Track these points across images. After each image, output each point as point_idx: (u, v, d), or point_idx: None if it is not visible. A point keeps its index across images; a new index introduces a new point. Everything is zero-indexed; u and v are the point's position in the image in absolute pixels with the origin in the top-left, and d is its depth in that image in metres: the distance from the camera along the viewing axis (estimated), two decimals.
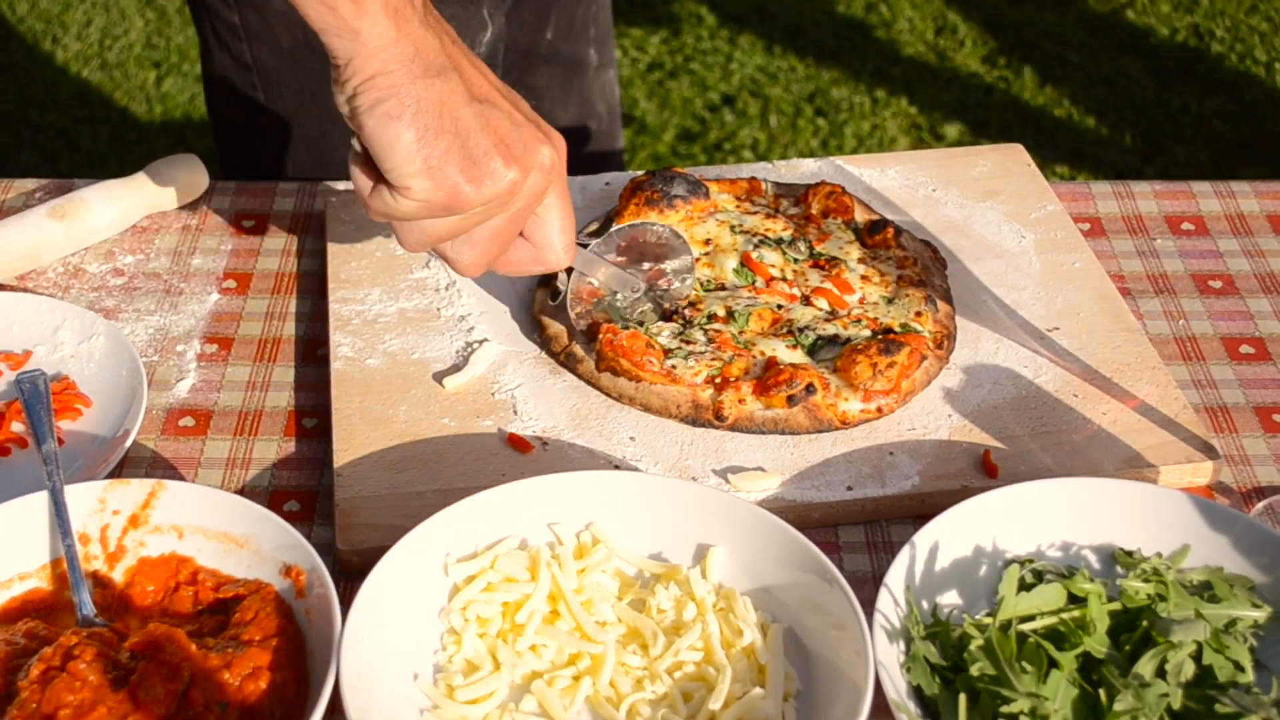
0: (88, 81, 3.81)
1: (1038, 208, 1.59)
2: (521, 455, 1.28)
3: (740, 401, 1.31)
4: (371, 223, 1.53)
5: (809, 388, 1.30)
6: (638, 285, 1.38)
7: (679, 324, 1.39)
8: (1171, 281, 1.53)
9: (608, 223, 1.50)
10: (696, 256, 1.46)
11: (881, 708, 1.04)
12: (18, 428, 1.31)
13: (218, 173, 1.73)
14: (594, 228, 1.51)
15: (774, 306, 1.40)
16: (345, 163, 1.73)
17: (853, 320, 1.39)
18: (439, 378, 1.36)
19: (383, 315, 1.43)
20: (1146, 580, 1.12)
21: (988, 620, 1.10)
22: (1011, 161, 1.66)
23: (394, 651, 1.09)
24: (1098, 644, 1.08)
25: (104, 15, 4.01)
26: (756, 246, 1.46)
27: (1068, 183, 1.68)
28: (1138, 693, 1.03)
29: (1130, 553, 1.17)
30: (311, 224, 1.59)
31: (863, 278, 1.45)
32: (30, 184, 1.63)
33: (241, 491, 1.27)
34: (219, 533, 1.16)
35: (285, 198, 1.62)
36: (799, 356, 1.35)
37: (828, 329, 1.38)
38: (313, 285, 1.50)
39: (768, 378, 1.31)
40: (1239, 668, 1.08)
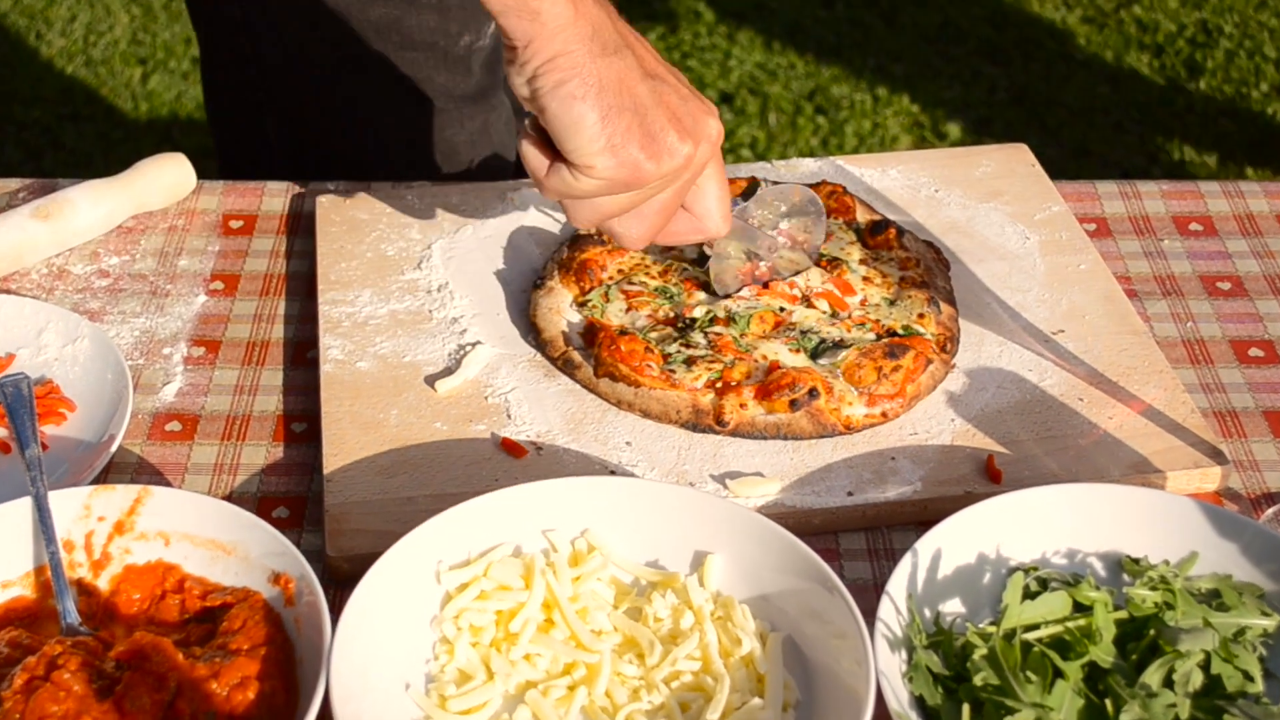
0: (72, 78, 3.80)
1: (1042, 208, 1.58)
2: (515, 460, 1.27)
3: (742, 406, 1.29)
4: (362, 223, 1.52)
5: (812, 392, 1.28)
6: (776, 245, 1.40)
7: (678, 327, 1.37)
8: (1179, 283, 1.52)
9: None
10: (694, 257, 1.45)
11: (883, 718, 1.03)
12: (0, 432, 1.30)
13: (211, 171, 1.71)
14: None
15: (775, 309, 1.39)
16: (350, 160, 1.76)
17: (856, 323, 1.38)
18: (431, 381, 1.34)
19: (373, 317, 1.42)
20: (1154, 588, 1.11)
21: (991, 629, 1.09)
22: (1015, 161, 1.65)
23: (385, 661, 1.08)
24: (1104, 653, 1.07)
25: (88, 11, 4.00)
26: None
27: (1073, 182, 1.67)
28: (1145, 703, 1.02)
29: (1137, 560, 1.16)
30: (300, 224, 1.57)
31: (864, 279, 1.43)
32: (13, 183, 1.62)
33: (229, 498, 1.26)
34: (206, 540, 1.15)
35: (274, 197, 1.61)
36: (801, 360, 1.34)
37: (831, 332, 1.36)
38: (302, 287, 1.49)
39: (770, 382, 1.30)
40: (1248, 677, 1.07)
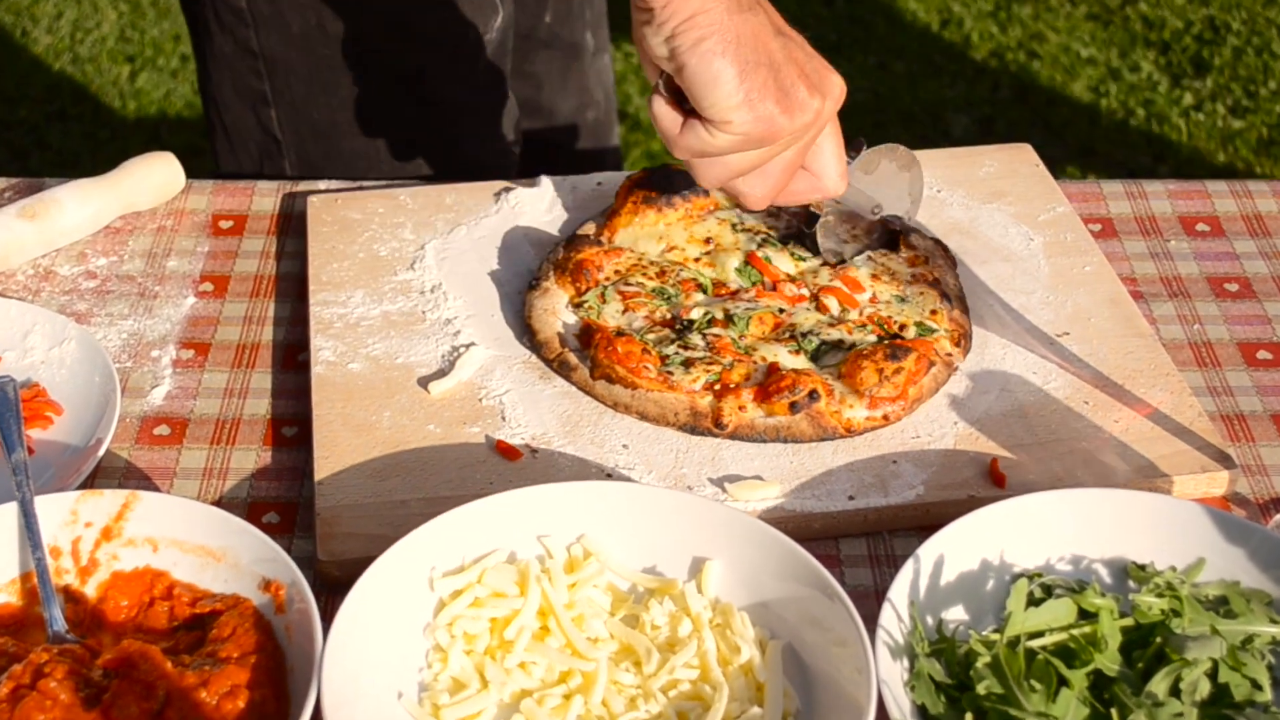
0: (59, 76, 3.80)
1: (1046, 209, 1.57)
2: (510, 463, 1.26)
3: (740, 408, 1.28)
4: (354, 223, 1.51)
5: (812, 394, 1.27)
6: (879, 207, 1.41)
7: (676, 329, 1.36)
8: (1186, 284, 1.51)
9: (605, 221, 1.48)
10: (696, 256, 1.44)
11: None
12: None
13: (200, 170, 1.70)
14: (591, 229, 1.48)
15: (775, 310, 1.38)
16: (354, 154, 1.75)
17: (858, 325, 1.37)
18: (424, 383, 1.33)
19: (366, 318, 1.40)
20: (1160, 595, 1.10)
21: (995, 636, 1.09)
22: (1019, 161, 1.64)
23: (377, 669, 1.07)
24: (1109, 661, 1.06)
25: (75, 8, 4.00)
26: (760, 245, 1.44)
27: (1078, 182, 1.66)
28: (1151, 712, 1.02)
29: (1143, 566, 1.15)
30: (291, 224, 1.57)
31: (872, 276, 1.42)
32: None
33: (219, 503, 1.25)
34: (195, 546, 1.14)
35: (264, 197, 1.60)
36: (802, 362, 1.33)
37: (832, 334, 1.35)
38: (293, 288, 1.48)
39: (769, 384, 1.28)
40: (1256, 686, 1.06)
